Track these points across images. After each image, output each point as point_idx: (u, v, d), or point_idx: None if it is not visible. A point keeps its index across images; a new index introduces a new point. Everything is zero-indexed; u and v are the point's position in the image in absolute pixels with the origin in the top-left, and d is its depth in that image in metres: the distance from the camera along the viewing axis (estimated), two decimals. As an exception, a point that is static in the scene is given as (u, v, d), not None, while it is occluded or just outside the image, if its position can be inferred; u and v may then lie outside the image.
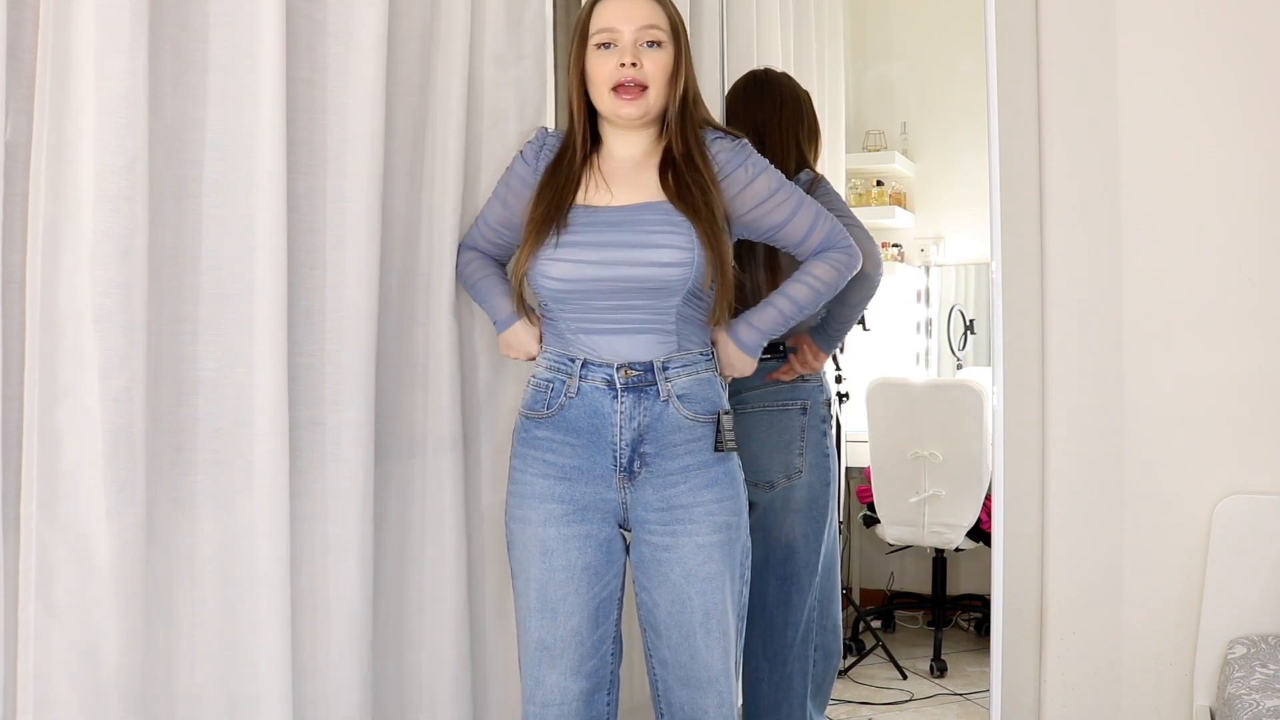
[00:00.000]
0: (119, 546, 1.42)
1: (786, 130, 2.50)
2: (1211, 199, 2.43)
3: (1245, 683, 2.06)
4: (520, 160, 1.95)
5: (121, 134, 1.41)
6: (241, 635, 1.61)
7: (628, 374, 1.82)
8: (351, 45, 1.75)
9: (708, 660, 1.83)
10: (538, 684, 1.84)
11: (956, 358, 3.88)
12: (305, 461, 1.73)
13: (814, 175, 2.48)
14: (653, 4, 1.85)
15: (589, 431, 1.83)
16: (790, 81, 2.57)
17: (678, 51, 1.85)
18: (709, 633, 1.83)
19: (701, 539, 1.82)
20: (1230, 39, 2.42)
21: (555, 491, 1.84)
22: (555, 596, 1.83)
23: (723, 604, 1.84)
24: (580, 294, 1.81)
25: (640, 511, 1.85)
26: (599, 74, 1.83)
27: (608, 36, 1.82)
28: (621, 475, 1.83)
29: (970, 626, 3.84)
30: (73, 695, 1.39)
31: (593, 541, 1.84)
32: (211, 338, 1.59)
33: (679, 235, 1.79)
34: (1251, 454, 2.41)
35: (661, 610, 1.85)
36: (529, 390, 1.90)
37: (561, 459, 1.84)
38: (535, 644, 1.84)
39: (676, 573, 1.83)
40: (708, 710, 1.85)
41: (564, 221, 1.82)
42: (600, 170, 1.88)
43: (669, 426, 1.83)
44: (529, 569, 1.85)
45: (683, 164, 1.84)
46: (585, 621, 1.84)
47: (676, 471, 1.83)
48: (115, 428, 1.41)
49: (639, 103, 1.82)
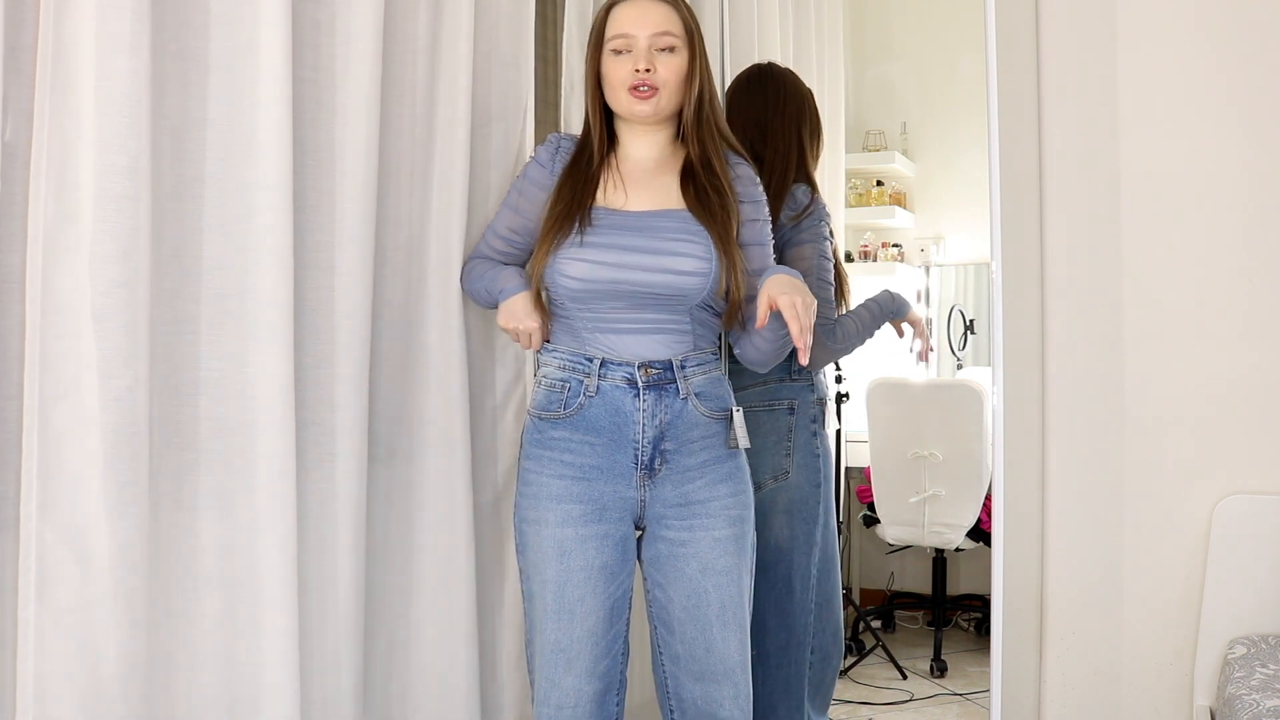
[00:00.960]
0: (119, 546, 1.41)
1: (789, 126, 2.47)
2: (1211, 199, 2.43)
3: (1245, 683, 2.06)
4: (535, 164, 1.95)
5: (123, 133, 1.41)
6: (243, 636, 1.61)
7: (648, 373, 1.84)
8: (352, 45, 1.75)
9: (724, 653, 1.86)
10: (553, 686, 1.84)
11: (956, 358, 3.88)
12: (307, 461, 1.73)
13: (812, 196, 2.41)
14: (667, 9, 1.88)
15: (610, 430, 1.84)
16: (794, 77, 2.54)
17: (692, 55, 1.89)
18: (725, 625, 1.86)
19: (717, 533, 1.86)
20: (1230, 39, 2.42)
21: (573, 492, 1.85)
22: (573, 598, 1.83)
23: (739, 596, 1.87)
24: (598, 295, 1.83)
25: (658, 508, 1.87)
26: (614, 77, 1.87)
27: (623, 43, 1.86)
28: (643, 473, 1.85)
29: (970, 626, 3.85)
30: (72, 695, 1.38)
31: (609, 541, 1.85)
32: (213, 338, 1.59)
33: (697, 245, 1.84)
34: (1251, 454, 2.41)
35: (676, 606, 1.87)
36: (540, 391, 1.90)
37: (580, 459, 1.85)
38: (551, 646, 1.84)
39: (693, 567, 1.85)
40: (723, 702, 1.87)
41: (585, 221, 1.84)
42: (618, 170, 1.91)
43: (688, 423, 1.86)
44: (545, 571, 1.85)
45: (701, 171, 1.89)
46: (601, 622, 1.85)
47: (694, 467, 1.86)
48: (117, 427, 1.41)
49: (651, 101, 1.86)
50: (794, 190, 2.39)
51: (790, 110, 2.48)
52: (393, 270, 1.90)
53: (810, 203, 2.38)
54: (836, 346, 2.40)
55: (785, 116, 2.47)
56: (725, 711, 1.87)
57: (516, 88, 2.13)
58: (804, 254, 2.34)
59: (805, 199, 2.39)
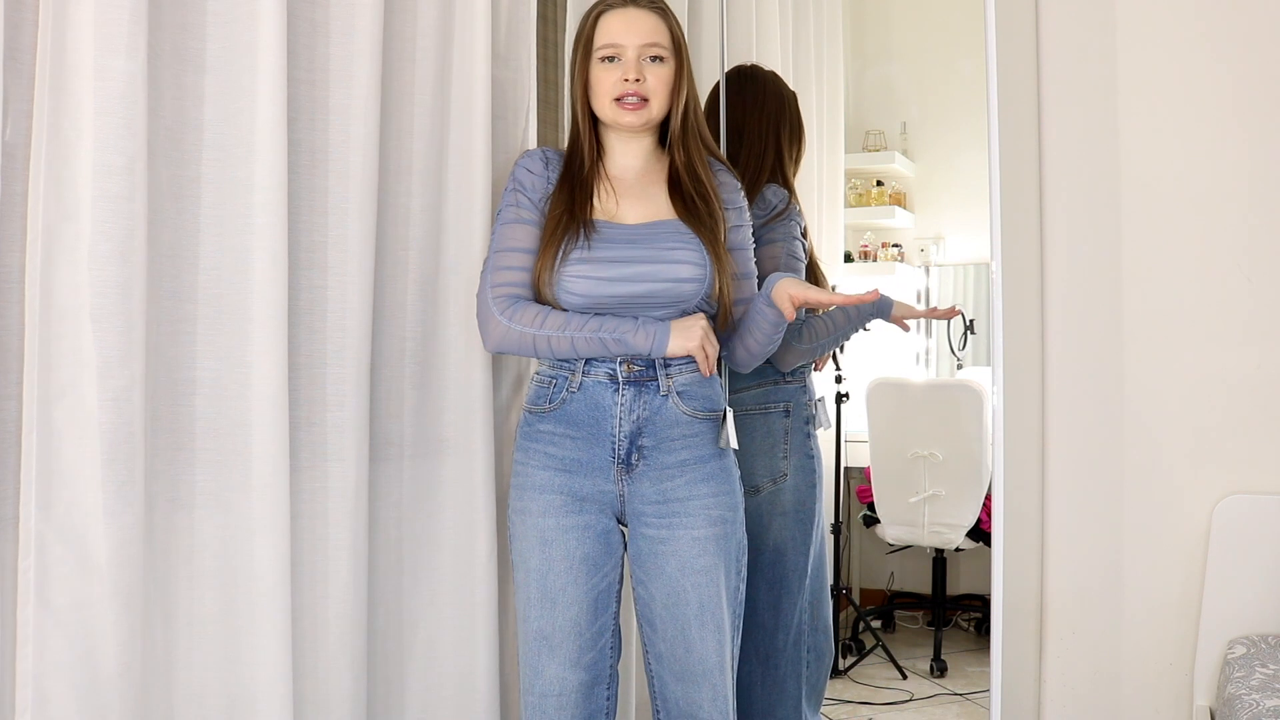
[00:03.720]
0: (117, 546, 1.42)
1: (766, 128, 2.46)
2: (1211, 198, 2.43)
3: (1245, 683, 2.06)
4: (526, 174, 1.93)
5: (120, 134, 1.41)
6: (240, 635, 1.61)
7: (630, 369, 1.86)
8: (352, 45, 1.75)
9: (702, 653, 1.87)
10: (537, 674, 1.86)
11: (956, 358, 3.88)
12: (303, 461, 1.73)
13: (789, 199, 2.40)
14: (655, 19, 1.90)
15: (589, 424, 1.87)
16: (776, 79, 2.53)
17: (679, 65, 1.91)
18: (704, 625, 1.86)
19: (697, 532, 1.87)
20: (1229, 39, 2.42)
21: (555, 483, 1.87)
22: (555, 586, 1.85)
23: (717, 597, 1.87)
24: (602, 306, 1.85)
25: (637, 505, 1.88)
26: (602, 86, 1.88)
27: (612, 51, 1.88)
28: (619, 467, 1.87)
29: (970, 626, 3.84)
30: (71, 695, 1.39)
31: (591, 532, 1.87)
32: (210, 337, 1.59)
33: (692, 251, 1.86)
34: (1251, 454, 2.41)
35: (657, 604, 1.88)
36: (532, 387, 1.94)
37: (562, 451, 1.88)
38: (535, 634, 1.86)
39: (672, 565, 1.86)
40: (702, 704, 1.87)
41: (587, 235, 1.85)
42: (609, 179, 1.93)
43: (667, 421, 1.87)
44: (529, 560, 1.88)
45: (688, 179, 1.92)
46: (584, 612, 1.86)
47: (673, 465, 1.87)
48: (114, 427, 1.41)
49: (640, 112, 1.88)
50: (764, 192, 2.39)
51: (768, 112, 2.47)
52: (398, 270, 1.90)
53: (784, 206, 2.38)
54: (804, 347, 2.38)
55: (763, 118, 2.46)
56: (704, 713, 1.87)
57: (517, 88, 2.13)
58: (774, 253, 2.35)
59: (775, 199, 2.39)
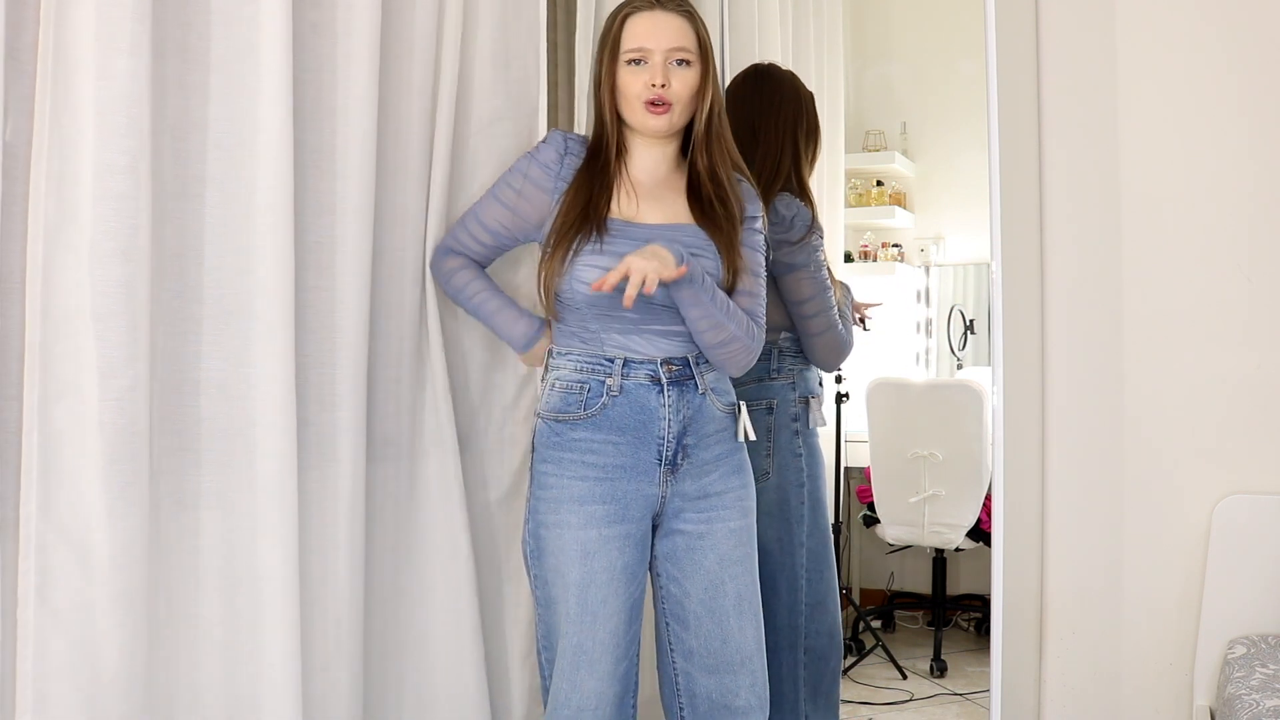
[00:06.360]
0: (119, 547, 1.41)
1: (784, 128, 2.44)
2: (1211, 199, 2.43)
3: (1245, 683, 2.06)
4: (536, 165, 1.92)
5: (123, 133, 1.41)
6: (243, 636, 1.61)
7: (670, 369, 1.88)
8: (353, 46, 1.75)
9: (740, 643, 1.89)
10: (574, 688, 1.83)
11: (956, 358, 3.89)
12: (308, 461, 1.72)
13: (811, 220, 2.38)
14: (682, 21, 1.89)
15: (635, 428, 1.86)
16: (794, 79, 2.51)
17: (705, 69, 1.90)
18: (742, 614, 1.90)
19: (733, 524, 1.91)
20: (1230, 39, 2.42)
21: (597, 492, 1.85)
22: (595, 600, 1.83)
23: (753, 585, 1.92)
24: (617, 302, 1.83)
25: (677, 502, 1.89)
26: (630, 89, 1.87)
27: (639, 54, 1.87)
28: (666, 469, 1.87)
29: (970, 626, 3.85)
30: (73, 696, 1.38)
31: (631, 541, 1.86)
32: (214, 337, 1.58)
33: (707, 259, 1.88)
34: (1251, 454, 2.41)
35: (693, 600, 1.89)
36: (554, 394, 1.89)
37: (603, 459, 1.85)
38: (573, 648, 1.83)
39: (711, 559, 1.89)
40: (739, 692, 1.89)
41: (604, 231, 1.85)
42: (630, 179, 1.92)
43: (706, 418, 1.91)
44: (568, 574, 1.84)
45: (708, 183, 1.92)
46: (621, 623, 1.85)
47: (710, 460, 1.91)
48: (118, 427, 1.41)
49: (665, 117, 1.87)
50: (775, 203, 2.36)
51: (786, 112, 2.44)
52: (394, 270, 1.90)
53: (806, 232, 2.36)
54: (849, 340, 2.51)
55: (781, 119, 2.44)
56: (741, 700, 1.89)
57: (526, 87, 2.12)
58: (801, 282, 2.38)
59: (788, 213, 2.36)
